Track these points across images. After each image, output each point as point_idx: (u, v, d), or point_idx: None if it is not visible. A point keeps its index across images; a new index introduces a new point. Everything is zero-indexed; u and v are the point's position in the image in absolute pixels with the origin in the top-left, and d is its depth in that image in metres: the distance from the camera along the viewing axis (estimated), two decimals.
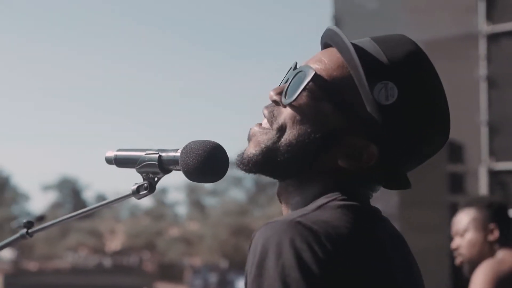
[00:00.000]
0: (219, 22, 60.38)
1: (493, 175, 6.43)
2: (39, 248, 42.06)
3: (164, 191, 44.48)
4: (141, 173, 1.39)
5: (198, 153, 1.32)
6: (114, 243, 42.74)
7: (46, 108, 58.50)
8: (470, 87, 6.65)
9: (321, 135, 1.30)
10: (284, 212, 1.37)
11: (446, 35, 6.58)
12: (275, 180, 1.37)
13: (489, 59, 6.49)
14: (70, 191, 46.41)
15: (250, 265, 1.18)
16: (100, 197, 44.45)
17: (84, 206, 5.50)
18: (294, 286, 1.14)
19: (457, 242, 3.31)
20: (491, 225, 3.27)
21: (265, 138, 1.32)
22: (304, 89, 1.29)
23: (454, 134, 5.73)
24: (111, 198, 1.43)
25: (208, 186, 41.05)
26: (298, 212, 1.23)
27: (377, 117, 1.28)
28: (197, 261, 39.16)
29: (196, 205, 42.39)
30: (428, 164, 4.84)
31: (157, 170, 1.37)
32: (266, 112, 1.35)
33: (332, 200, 1.27)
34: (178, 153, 1.34)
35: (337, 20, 7.57)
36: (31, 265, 41.73)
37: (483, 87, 6.53)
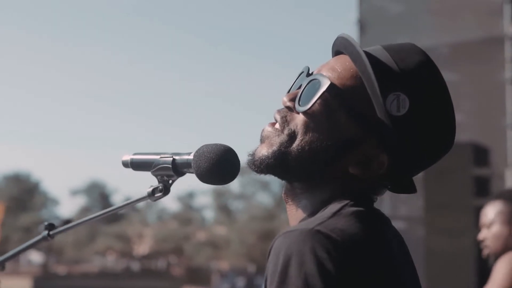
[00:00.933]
0: (244, 24, 60.49)
1: None
2: (67, 252, 42.43)
3: (191, 195, 44.67)
4: (156, 176, 1.43)
5: (210, 156, 1.36)
6: (142, 247, 42.96)
7: (75, 112, 58.98)
8: (495, 90, 6.61)
9: (333, 143, 1.32)
10: (290, 213, 1.39)
11: (471, 38, 6.55)
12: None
13: None
14: (98, 196, 46.75)
15: (271, 273, 1.20)
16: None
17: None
18: None
19: (483, 234, 3.37)
20: None
21: (278, 141, 1.34)
22: (319, 98, 1.31)
23: (480, 137, 5.74)
24: (128, 201, 1.46)
25: (235, 190, 41.14)
26: (316, 220, 1.25)
27: (389, 128, 1.30)
28: (224, 265, 39.25)
29: (223, 209, 42.47)
30: (453, 167, 4.85)
31: (171, 173, 1.41)
32: (278, 117, 1.37)
33: (344, 206, 1.29)
34: (191, 157, 1.38)
35: (361, 24, 7.57)
36: (60, 269, 42.11)
37: (509, 90, 6.50)
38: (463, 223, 6.14)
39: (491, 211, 3.38)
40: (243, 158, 1.39)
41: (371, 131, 1.31)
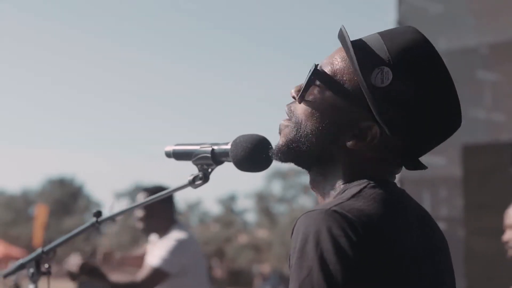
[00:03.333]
0: (282, 24, 60.54)
1: None
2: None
3: (232, 198, 44.82)
4: (196, 165, 1.52)
5: (246, 145, 1.45)
6: None
7: (118, 115, 59.60)
8: None
9: (331, 121, 1.44)
10: (318, 201, 1.49)
11: (510, 38, 6.53)
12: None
13: None
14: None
15: (292, 249, 1.31)
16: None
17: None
18: (331, 267, 1.26)
19: (508, 235, 3.33)
20: None
21: (288, 131, 1.47)
22: (311, 85, 1.46)
23: None
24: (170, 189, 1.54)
25: (277, 193, 41.18)
26: (335, 201, 1.35)
27: (370, 98, 1.39)
28: (266, 268, 39.29)
29: (265, 212, 42.53)
30: (494, 167, 4.88)
31: (210, 162, 1.50)
32: (287, 109, 1.50)
33: (364, 188, 1.39)
34: (228, 146, 1.47)
35: (400, 25, 7.58)
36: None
37: None
38: (503, 223, 6.10)
39: None
40: None
41: (360, 105, 1.41)
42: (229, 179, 57.94)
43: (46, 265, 1.76)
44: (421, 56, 1.43)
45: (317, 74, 1.45)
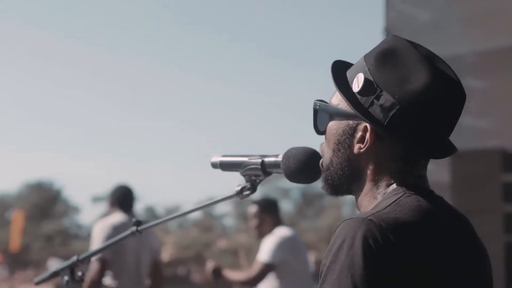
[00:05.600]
0: (268, 30, 60.62)
1: None
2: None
3: None
4: (244, 175, 1.57)
5: (298, 158, 1.50)
6: (163, 255, 43.07)
7: (97, 119, 59.34)
8: None
9: (340, 141, 1.58)
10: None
11: (498, 46, 6.62)
12: (322, 192, 1.66)
13: None
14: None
15: (328, 251, 1.43)
16: (150, 210, 44.89)
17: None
18: (359, 272, 1.36)
19: None
20: None
21: (323, 174, 1.64)
22: (316, 117, 1.64)
23: (507, 143, 5.80)
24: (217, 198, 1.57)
25: (256, 198, 41.16)
26: (373, 210, 1.46)
27: (349, 102, 1.54)
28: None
29: (244, 217, 42.54)
30: (482, 173, 4.97)
31: (259, 173, 1.55)
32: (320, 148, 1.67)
33: (401, 196, 1.48)
34: (279, 158, 1.52)
35: (388, 32, 7.64)
36: None
37: None
38: (492, 228, 6.21)
39: None
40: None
41: (354, 115, 1.55)
42: (208, 183, 57.90)
43: (80, 273, 1.79)
44: (392, 49, 1.55)
45: (317, 106, 1.63)
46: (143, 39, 57.90)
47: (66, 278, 1.76)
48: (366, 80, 1.54)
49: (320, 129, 1.63)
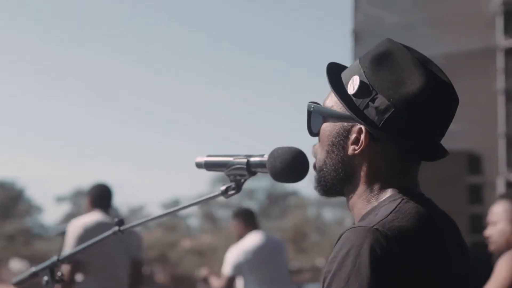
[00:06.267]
0: (238, 32, 60.61)
1: (511, 186, 6.56)
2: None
3: (176, 203, 44.63)
4: (229, 175, 1.57)
5: (285, 157, 1.51)
6: None
7: (60, 119, 58.80)
8: (488, 100, 6.77)
9: (334, 143, 1.60)
10: (355, 219, 1.61)
11: (465, 49, 6.71)
12: (287, 192, 1.65)
13: (507, 72, 6.63)
14: (84, 203, 46.60)
15: (332, 257, 1.44)
16: (113, 210, 44.50)
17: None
18: (366, 281, 1.38)
19: (489, 231, 3.55)
20: None
21: (315, 174, 1.65)
22: (310, 118, 1.65)
23: (473, 145, 5.89)
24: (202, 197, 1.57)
25: (221, 198, 40.99)
26: (377, 218, 1.48)
27: (345, 104, 1.56)
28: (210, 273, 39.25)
29: (209, 217, 42.51)
30: (449, 175, 5.02)
31: (244, 172, 1.56)
32: (312, 150, 1.68)
33: (399, 203, 1.51)
34: (265, 158, 1.53)
35: (356, 35, 7.70)
36: None
37: (501, 100, 6.66)
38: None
39: (498, 210, 3.59)
40: None
41: (349, 117, 1.57)
42: (172, 183, 57.66)
43: (60, 273, 1.78)
44: (387, 53, 1.58)
45: (311, 107, 1.64)
46: (102, 38, 57.46)
47: (45, 278, 1.75)
48: (361, 83, 1.55)
49: (313, 131, 1.64)
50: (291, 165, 1.52)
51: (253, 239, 6.12)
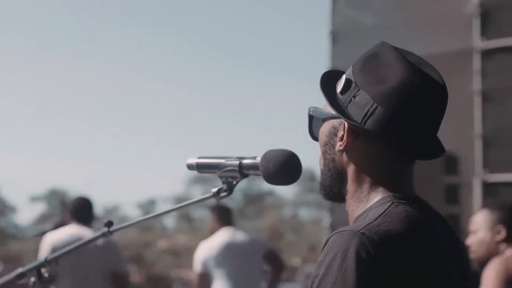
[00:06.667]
0: (210, 34, 60.45)
1: (487, 186, 6.61)
2: (26, 261, 41.88)
3: (152, 203, 44.51)
4: (220, 177, 1.57)
5: (277, 160, 1.51)
6: None
7: (34, 118, 58.31)
8: (465, 101, 6.82)
9: (324, 143, 1.62)
10: (350, 220, 1.61)
11: (442, 50, 6.75)
12: (264, 192, 1.67)
13: (484, 74, 6.68)
14: (59, 203, 46.25)
15: (320, 262, 1.44)
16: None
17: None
18: (351, 284, 1.38)
19: (470, 239, 3.59)
20: (499, 226, 3.55)
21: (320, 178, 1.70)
22: (311, 122, 1.67)
23: (450, 146, 5.95)
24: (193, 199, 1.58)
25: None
26: (364, 222, 1.47)
27: (329, 103, 1.57)
28: (185, 273, 39.16)
29: (185, 217, 42.39)
30: (426, 176, 5.03)
31: (236, 174, 1.55)
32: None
33: (389, 207, 1.50)
34: (257, 160, 1.53)
35: (334, 36, 7.72)
36: None
37: (477, 101, 6.71)
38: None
39: (478, 219, 3.63)
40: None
41: (337, 116, 1.58)
42: (148, 183, 57.43)
43: (47, 274, 1.77)
44: (375, 53, 1.58)
45: (310, 111, 1.66)
46: (73, 38, 57.10)
47: (33, 279, 1.74)
48: (346, 80, 1.57)
49: (315, 135, 1.65)
50: (284, 168, 1.52)
51: (221, 235, 6.16)
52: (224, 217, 6.27)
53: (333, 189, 1.61)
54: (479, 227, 3.61)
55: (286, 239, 37.00)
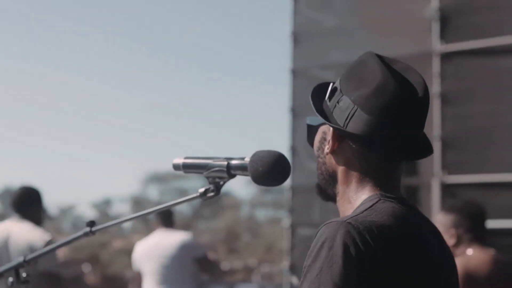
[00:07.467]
0: (174, 37, 60.08)
1: (445, 188, 6.70)
2: None
3: (108, 202, 44.16)
4: (208, 177, 1.58)
5: (267, 161, 1.53)
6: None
7: None
8: None
9: (317, 148, 1.72)
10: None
11: (402, 53, 6.82)
12: (220, 193, 1.76)
13: (442, 76, 6.77)
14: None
15: (310, 252, 1.50)
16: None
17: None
18: (338, 270, 1.44)
19: None
20: (451, 230, 3.60)
21: None
22: (311, 133, 1.77)
23: None
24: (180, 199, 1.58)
25: (153, 198, 40.92)
26: (351, 214, 1.55)
27: (319, 108, 1.66)
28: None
29: (141, 217, 42.08)
30: None
31: (224, 175, 1.57)
32: None
33: (376, 203, 1.58)
34: (246, 161, 1.55)
35: (295, 37, 7.75)
36: None
37: (436, 103, 6.79)
38: None
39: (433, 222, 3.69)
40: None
41: (324, 122, 1.65)
42: (103, 182, 56.93)
43: (25, 274, 1.75)
44: (360, 61, 1.68)
45: (307, 120, 1.75)
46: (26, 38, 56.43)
47: (10, 279, 1.73)
48: (333, 88, 1.64)
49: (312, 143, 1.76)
50: (272, 169, 1.55)
51: (153, 236, 6.48)
52: (162, 218, 6.50)
53: (327, 190, 1.69)
54: None
55: (243, 239, 37.03)
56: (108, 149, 55.66)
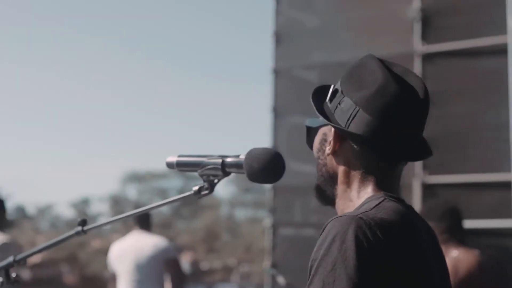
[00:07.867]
0: (157, 35, 59.89)
1: (426, 188, 6.73)
2: None
3: (86, 202, 43.94)
4: (202, 175, 1.58)
5: (262, 158, 1.54)
6: (34, 256, 41.76)
7: None
8: None
9: (317, 149, 1.74)
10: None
11: (384, 53, 6.81)
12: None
13: (424, 77, 6.80)
14: None
15: (319, 244, 1.51)
16: (20, 209, 43.49)
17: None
18: (352, 264, 1.45)
19: None
20: None
21: None
22: (311, 135, 1.79)
23: None
24: (173, 197, 1.57)
25: (132, 197, 40.80)
26: (361, 210, 1.56)
27: (321, 109, 1.68)
28: None
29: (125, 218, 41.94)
30: None
31: (219, 173, 1.57)
32: None
33: (382, 201, 1.60)
34: (241, 158, 1.55)
35: (277, 37, 7.75)
36: None
37: None
38: None
39: None
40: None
41: (325, 123, 1.68)
42: (82, 182, 56.68)
43: (15, 274, 1.74)
44: (361, 63, 1.69)
45: (307, 122, 1.77)
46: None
47: (0, 279, 1.71)
48: (334, 89, 1.66)
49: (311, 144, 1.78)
50: (268, 166, 1.56)
51: (126, 238, 6.50)
52: (137, 220, 6.52)
53: (326, 192, 1.70)
54: None
55: (222, 239, 37.01)
56: (87, 148, 55.45)
